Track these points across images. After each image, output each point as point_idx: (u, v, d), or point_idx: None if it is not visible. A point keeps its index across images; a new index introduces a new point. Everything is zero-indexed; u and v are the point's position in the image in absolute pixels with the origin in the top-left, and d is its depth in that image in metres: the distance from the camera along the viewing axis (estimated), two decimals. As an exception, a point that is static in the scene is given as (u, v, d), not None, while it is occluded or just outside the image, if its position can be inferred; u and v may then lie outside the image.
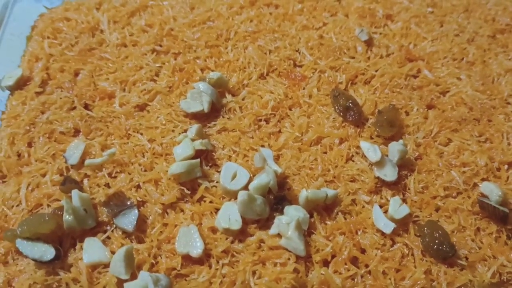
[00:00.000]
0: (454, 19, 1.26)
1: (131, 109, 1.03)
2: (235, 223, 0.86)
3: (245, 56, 1.13)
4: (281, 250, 0.85)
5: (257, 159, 0.93)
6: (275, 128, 1.02)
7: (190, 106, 1.00)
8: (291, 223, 0.85)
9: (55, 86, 1.08)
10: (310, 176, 0.95)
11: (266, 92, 1.07)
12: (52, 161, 0.96)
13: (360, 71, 1.12)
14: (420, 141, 1.01)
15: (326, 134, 1.00)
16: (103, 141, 0.98)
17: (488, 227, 0.91)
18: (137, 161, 0.95)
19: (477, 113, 1.06)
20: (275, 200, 0.90)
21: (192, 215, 0.89)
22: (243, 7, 1.26)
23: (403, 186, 0.95)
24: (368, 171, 0.95)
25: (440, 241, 0.85)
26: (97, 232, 0.87)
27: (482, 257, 0.87)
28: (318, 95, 1.07)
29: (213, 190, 0.92)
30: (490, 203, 0.90)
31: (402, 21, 1.24)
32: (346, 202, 0.91)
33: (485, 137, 1.03)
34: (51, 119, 1.02)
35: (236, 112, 1.03)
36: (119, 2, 1.25)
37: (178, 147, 0.94)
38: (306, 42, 1.17)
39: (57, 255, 0.81)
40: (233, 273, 0.83)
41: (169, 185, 0.91)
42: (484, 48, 1.19)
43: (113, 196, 0.89)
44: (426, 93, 1.09)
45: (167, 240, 0.86)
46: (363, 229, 0.89)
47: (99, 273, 0.82)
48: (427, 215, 0.91)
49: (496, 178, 0.97)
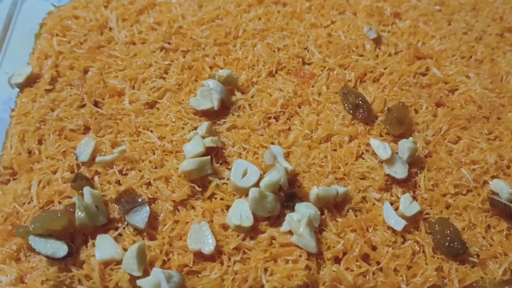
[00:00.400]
0: (462, 18, 1.26)
1: (141, 106, 1.03)
2: (247, 220, 0.86)
3: (254, 54, 1.13)
4: (292, 247, 0.85)
5: (267, 156, 0.93)
6: (284, 126, 1.02)
7: (200, 103, 1.00)
8: (302, 220, 0.85)
9: (64, 83, 1.08)
10: (320, 173, 0.95)
11: (275, 89, 1.07)
12: (63, 158, 0.96)
13: (369, 69, 1.12)
14: (430, 139, 1.01)
15: (335, 131, 1.00)
16: (113, 139, 0.98)
17: (499, 225, 0.91)
18: (147, 158, 0.96)
19: (486, 111, 1.06)
20: (286, 197, 0.90)
21: (203, 212, 0.89)
22: (251, 5, 1.26)
23: (413, 184, 0.95)
24: (378, 168, 0.95)
25: (451, 238, 0.85)
26: (109, 229, 0.87)
27: (493, 254, 0.87)
28: (327, 92, 1.07)
29: (224, 187, 0.92)
30: (501, 201, 0.90)
31: (410, 19, 1.24)
32: (356, 200, 0.92)
33: (494, 135, 1.03)
34: (61, 116, 1.02)
35: (246, 110, 1.04)
36: (127, 0, 1.25)
37: (188, 144, 0.95)
38: (315, 40, 1.17)
39: (70, 251, 0.82)
40: (245, 270, 0.83)
41: (179, 182, 0.92)
42: (492, 47, 1.19)
43: (124, 193, 0.89)
44: (435, 91, 1.09)
45: (179, 237, 0.86)
46: (374, 226, 0.89)
47: (112, 270, 0.83)
48: (438, 212, 0.92)
49: (506, 176, 0.97)
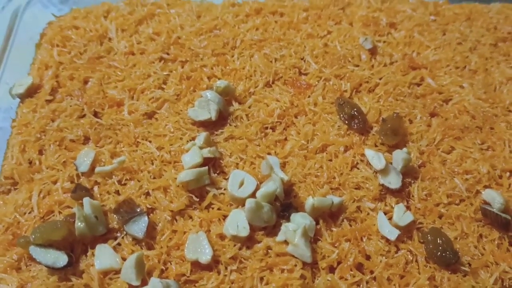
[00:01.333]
0: (457, 28, 1.28)
1: (140, 117, 1.05)
2: (243, 230, 0.87)
3: (251, 64, 1.15)
4: (288, 256, 0.87)
5: (264, 166, 0.95)
6: (281, 136, 1.04)
7: (198, 114, 1.02)
8: (298, 230, 0.86)
9: (65, 94, 1.10)
10: (315, 183, 0.96)
11: (272, 100, 1.09)
12: (63, 169, 0.97)
13: (364, 79, 1.14)
14: (424, 149, 1.03)
15: (331, 142, 1.02)
16: (112, 149, 1.00)
17: (491, 234, 0.92)
18: (146, 168, 0.97)
19: (480, 121, 1.08)
20: (282, 208, 0.91)
21: (200, 222, 0.91)
22: (249, 15, 1.28)
23: (407, 194, 0.97)
24: (373, 178, 0.97)
25: (444, 248, 0.87)
26: (108, 238, 0.89)
27: (485, 264, 0.89)
28: (323, 103, 1.09)
29: (221, 197, 0.94)
30: (493, 211, 0.92)
31: (405, 30, 1.26)
32: (351, 209, 0.93)
33: (487, 145, 1.04)
34: (61, 126, 1.03)
35: (243, 120, 1.05)
36: (126, 10, 1.27)
37: (186, 155, 0.96)
38: (311, 51, 1.19)
39: (70, 261, 0.83)
40: (241, 279, 0.85)
41: (177, 192, 0.93)
42: (486, 57, 1.21)
43: (123, 203, 0.91)
44: (429, 101, 1.11)
45: (177, 247, 0.88)
46: (368, 236, 0.91)
47: (110, 279, 0.84)
48: (431, 222, 0.93)
49: (498, 186, 0.99)
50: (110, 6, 1.29)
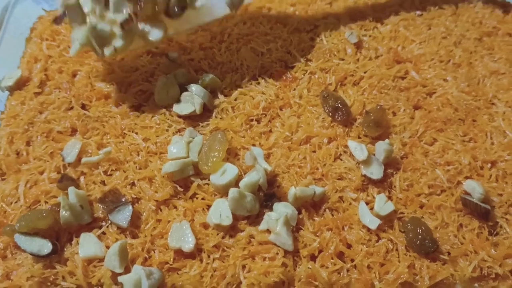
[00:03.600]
0: (442, 22, 1.29)
1: (127, 109, 1.07)
2: (226, 219, 0.89)
3: (237, 57, 1.17)
4: (270, 245, 0.88)
5: (248, 157, 0.97)
6: (266, 128, 1.05)
7: (182, 109, 1.03)
8: (280, 219, 0.88)
9: (53, 86, 1.11)
10: (299, 174, 0.98)
11: (258, 93, 1.10)
12: (50, 159, 0.99)
13: (349, 73, 1.15)
14: (406, 141, 1.04)
15: (315, 133, 1.03)
16: (99, 140, 1.01)
17: (471, 223, 0.94)
18: (132, 159, 0.99)
19: (462, 113, 1.09)
20: (265, 197, 0.93)
21: (184, 212, 0.92)
22: (237, 10, 1.29)
23: (389, 184, 0.98)
24: (355, 169, 0.98)
25: (423, 237, 0.89)
26: (93, 227, 0.90)
27: (464, 252, 0.90)
28: (308, 96, 1.10)
29: (205, 187, 0.95)
30: (473, 200, 0.93)
31: (391, 24, 1.27)
32: (333, 199, 0.95)
33: (469, 137, 1.06)
34: (49, 118, 1.05)
35: (229, 112, 1.07)
36: (115, 5, 1.28)
37: (172, 146, 0.98)
38: (298, 44, 1.20)
39: (54, 249, 0.85)
40: (224, 267, 0.86)
41: (162, 182, 0.95)
42: (470, 51, 1.23)
43: (108, 193, 0.92)
44: (413, 94, 1.12)
45: (160, 236, 0.89)
46: (349, 225, 0.92)
47: (95, 267, 0.86)
48: (412, 211, 0.95)
49: (479, 176, 1.00)
50: (100, 1, 1.30)
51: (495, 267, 0.88)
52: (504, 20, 1.32)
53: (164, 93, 1.06)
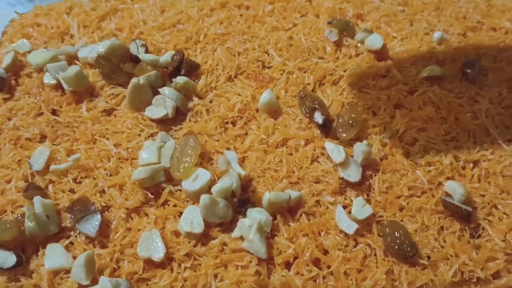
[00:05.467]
0: (425, 18, 1.26)
1: (98, 114, 1.04)
2: (197, 227, 0.86)
3: (213, 58, 1.14)
4: (243, 252, 0.86)
5: (221, 162, 0.94)
6: (241, 131, 1.02)
7: (154, 113, 1.00)
8: (253, 226, 0.85)
9: (23, 92, 1.08)
10: (274, 178, 0.95)
11: (234, 94, 1.07)
12: (18, 168, 0.96)
13: (328, 72, 1.12)
14: (386, 141, 1.01)
15: (292, 135, 1.00)
16: (69, 147, 0.99)
17: (452, 226, 0.91)
18: (102, 166, 0.96)
19: (444, 111, 1.06)
20: (239, 203, 0.90)
21: (155, 219, 0.89)
22: (214, 9, 1.26)
23: (367, 187, 0.95)
24: (333, 172, 0.95)
25: (401, 241, 0.86)
26: (61, 237, 0.87)
27: (445, 256, 0.87)
28: (286, 96, 1.07)
29: (177, 194, 0.92)
30: (453, 202, 0.91)
31: (372, 21, 1.24)
32: (310, 204, 0.92)
33: (451, 136, 1.03)
34: (18, 125, 1.02)
35: (203, 115, 1.04)
36: (89, 6, 1.25)
37: (143, 151, 0.95)
38: (275, 43, 1.17)
39: (18, 261, 0.82)
40: (195, 277, 0.83)
41: (133, 189, 0.92)
42: (454, 46, 1.19)
43: (76, 202, 0.89)
44: (394, 93, 1.09)
45: (130, 245, 0.87)
46: (326, 230, 0.89)
47: (61, 279, 0.83)
48: (391, 215, 0.92)
49: (461, 177, 0.97)
50: (73, 2, 1.28)
51: (476, 271, 0.86)
52: (488, 14, 1.29)
53: (136, 96, 1.03)
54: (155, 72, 1.06)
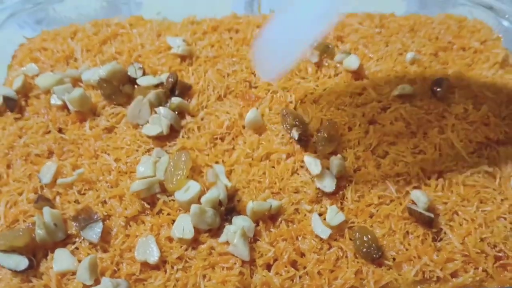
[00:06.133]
0: (399, 39, 1.37)
1: (100, 131, 1.15)
2: (188, 233, 0.97)
3: (204, 79, 1.25)
4: (229, 255, 0.96)
5: (210, 174, 1.05)
6: (229, 146, 1.13)
7: (150, 130, 1.12)
8: (237, 232, 0.96)
9: (32, 112, 1.19)
10: (258, 188, 1.06)
11: (223, 112, 1.18)
12: (28, 181, 1.07)
13: (309, 91, 1.23)
14: (360, 154, 1.12)
15: (274, 150, 1.11)
16: (74, 162, 1.10)
17: (416, 231, 1.01)
18: (104, 179, 1.07)
19: (414, 127, 1.16)
20: (226, 211, 1.01)
21: (151, 227, 1.00)
22: (206, 32, 1.37)
23: (341, 196, 1.06)
24: (311, 183, 1.06)
25: (369, 244, 0.96)
26: (67, 243, 0.98)
27: (408, 258, 0.97)
28: (269, 114, 1.18)
29: (171, 203, 1.03)
30: (417, 210, 1.01)
31: (351, 42, 1.35)
32: (289, 212, 1.02)
33: (419, 149, 1.13)
34: (28, 142, 1.13)
35: (195, 132, 1.15)
36: (92, 31, 1.37)
37: (140, 165, 1.06)
38: (261, 65, 1.28)
39: (30, 265, 0.93)
40: (186, 277, 0.94)
41: (131, 200, 1.03)
42: (425, 66, 1.30)
43: (81, 211, 1.00)
44: (369, 110, 1.20)
45: (129, 249, 0.98)
46: (303, 235, 1.00)
47: (68, 280, 0.94)
48: (362, 221, 1.02)
49: (426, 186, 1.08)
50: (77, 27, 1.39)
51: (436, 271, 0.96)
52: (459, 35, 1.40)
53: (136, 111, 1.14)
54: (155, 91, 1.17)
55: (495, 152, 1.14)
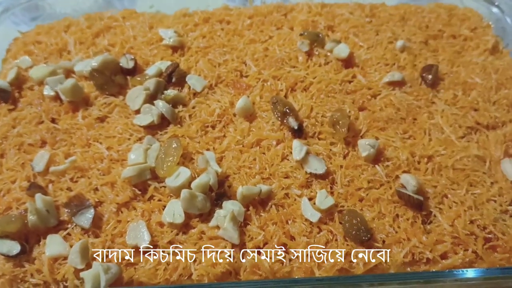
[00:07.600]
0: (390, 28, 1.38)
1: (93, 121, 1.16)
2: (178, 218, 0.98)
3: (196, 69, 1.26)
4: (219, 239, 0.97)
5: (201, 161, 1.06)
6: (220, 133, 1.14)
7: (141, 120, 1.13)
8: (227, 216, 0.97)
9: (25, 103, 1.21)
10: (248, 174, 1.07)
11: (214, 101, 1.19)
12: (21, 170, 1.08)
13: (299, 79, 1.24)
14: (350, 140, 1.13)
15: (265, 136, 1.12)
16: (67, 150, 1.11)
17: (406, 214, 1.02)
18: (96, 166, 1.08)
19: (404, 113, 1.18)
20: (216, 196, 1.02)
21: (142, 212, 1.01)
22: (198, 24, 1.39)
23: (331, 180, 1.06)
24: (300, 168, 1.07)
25: (358, 227, 0.97)
26: (59, 229, 1.00)
27: (398, 240, 0.98)
28: (260, 102, 1.19)
29: (162, 189, 1.04)
30: (407, 192, 1.02)
31: (342, 32, 1.36)
32: (279, 196, 1.03)
33: (408, 134, 1.14)
34: (21, 132, 1.15)
35: (186, 120, 1.16)
36: (85, 24, 1.39)
37: (131, 152, 1.07)
38: (252, 55, 1.29)
39: (22, 250, 0.94)
40: (176, 261, 0.95)
41: (123, 186, 1.04)
42: (415, 54, 1.31)
43: (73, 198, 1.01)
44: (359, 97, 1.21)
45: (120, 235, 0.99)
46: (293, 219, 1.01)
47: (60, 264, 0.95)
48: (352, 205, 1.03)
49: (416, 170, 1.08)
50: (71, 21, 1.41)
51: (426, 253, 0.96)
52: (449, 23, 1.41)
53: (134, 95, 1.16)
54: (156, 79, 1.18)
55: (485, 137, 1.15)
